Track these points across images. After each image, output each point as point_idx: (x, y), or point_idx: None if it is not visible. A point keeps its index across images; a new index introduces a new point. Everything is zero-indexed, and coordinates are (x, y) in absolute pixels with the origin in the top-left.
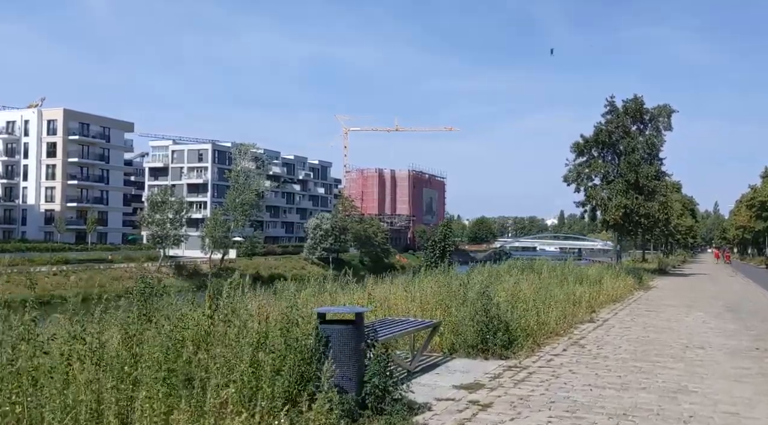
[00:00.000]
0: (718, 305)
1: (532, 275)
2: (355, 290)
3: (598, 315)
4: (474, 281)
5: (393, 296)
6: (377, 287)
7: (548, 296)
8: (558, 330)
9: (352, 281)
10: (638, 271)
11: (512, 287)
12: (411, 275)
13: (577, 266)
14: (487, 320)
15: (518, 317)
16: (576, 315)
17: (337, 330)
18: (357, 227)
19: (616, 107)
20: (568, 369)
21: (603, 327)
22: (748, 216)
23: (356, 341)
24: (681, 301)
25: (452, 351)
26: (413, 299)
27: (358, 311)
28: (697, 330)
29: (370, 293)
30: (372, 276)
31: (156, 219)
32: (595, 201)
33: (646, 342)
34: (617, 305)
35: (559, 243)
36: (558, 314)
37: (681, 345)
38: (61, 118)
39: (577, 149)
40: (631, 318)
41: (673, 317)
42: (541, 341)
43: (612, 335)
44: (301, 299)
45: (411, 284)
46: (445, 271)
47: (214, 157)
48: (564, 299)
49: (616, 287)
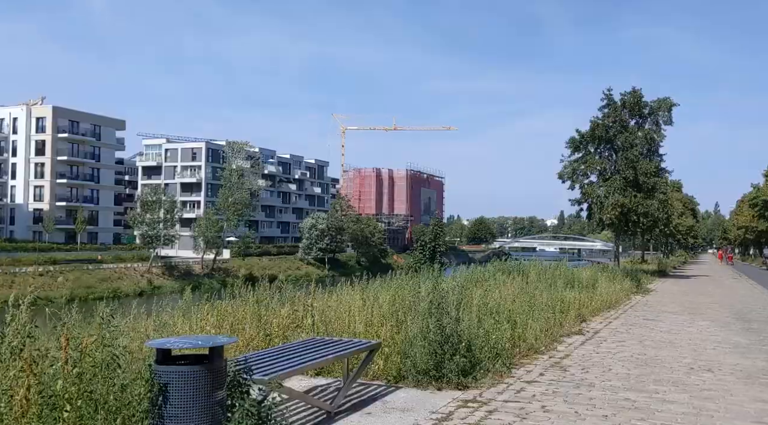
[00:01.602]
0: (724, 313)
1: (519, 278)
2: (311, 297)
3: (589, 325)
4: (442, 286)
5: (336, 308)
6: (332, 295)
7: (530, 304)
8: (538, 346)
9: (336, 283)
10: (637, 273)
11: (484, 295)
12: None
13: (571, 268)
14: (442, 339)
15: (487, 332)
16: (562, 326)
17: (179, 374)
18: (354, 227)
19: (613, 100)
20: (540, 404)
21: (593, 341)
22: (751, 216)
23: (210, 387)
24: (683, 307)
25: (399, 378)
26: (362, 311)
27: (217, 343)
28: (702, 344)
29: (309, 304)
30: (352, 278)
31: (147, 219)
32: (591, 199)
33: (642, 362)
34: (611, 313)
35: (559, 244)
36: (540, 326)
37: (684, 367)
38: (50, 115)
39: (573, 145)
40: (627, 329)
41: (674, 327)
42: (515, 362)
43: (602, 352)
44: (176, 317)
45: (369, 291)
46: (429, 273)
47: (207, 155)
48: (549, 307)
49: (611, 292)
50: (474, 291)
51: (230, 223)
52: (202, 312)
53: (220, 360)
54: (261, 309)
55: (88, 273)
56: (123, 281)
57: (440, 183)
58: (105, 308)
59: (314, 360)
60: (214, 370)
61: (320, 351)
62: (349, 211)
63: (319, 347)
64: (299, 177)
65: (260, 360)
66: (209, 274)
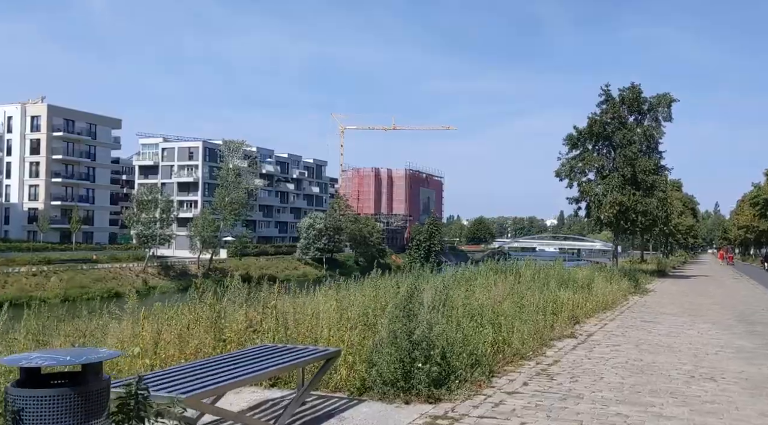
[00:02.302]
0: (726, 314)
1: (511, 277)
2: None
3: (583, 328)
4: (418, 286)
5: (302, 311)
6: (307, 296)
7: (520, 305)
8: (524, 351)
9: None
10: (635, 273)
11: (466, 296)
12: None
13: (567, 268)
14: (410, 345)
15: (465, 337)
16: (553, 329)
17: (36, 399)
18: (352, 227)
19: (611, 96)
20: (520, 421)
21: (585, 345)
22: (752, 215)
23: (82, 415)
24: (682, 308)
25: (363, 390)
26: (330, 314)
27: (92, 358)
28: (703, 348)
29: (270, 305)
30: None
31: (142, 218)
32: (589, 197)
33: (637, 368)
34: (607, 314)
35: (559, 244)
36: (529, 328)
37: (684, 374)
38: (45, 114)
39: (570, 142)
40: (622, 332)
41: (673, 330)
42: (498, 369)
43: (594, 357)
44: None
45: (346, 292)
46: (419, 272)
47: (204, 155)
48: (540, 309)
49: (607, 292)
50: (458, 292)
51: (227, 223)
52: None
53: (98, 379)
54: (215, 312)
55: (82, 273)
56: (117, 282)
57: (439, 183)
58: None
59: (250, 373)
60: (87, 393)
61: (265, 362)
62: (347, 211)
63: (267, 356)
64: (297, 177)
65: (183, 374)
66: (205, 274)
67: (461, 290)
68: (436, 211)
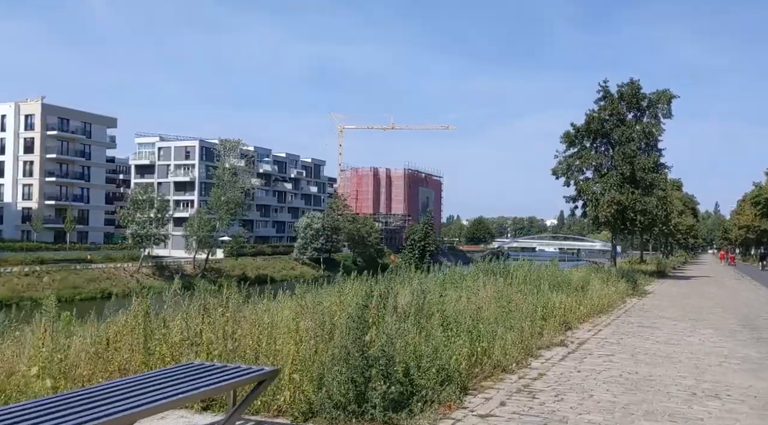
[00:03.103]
0: (729, 319)
1: (502, 279)
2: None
3: (574, 334)
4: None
5: (258, 318)
6: (270, 301)
7: (507, 310)
8: (507, 362)
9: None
10: (634, 273)
11: (441, 301)
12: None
13: (563, 268)
14: (365, 362)
15: (435, 350)
16: (542, 336)
17: None
18: (350, 227)
19: (610, 92)
20: None
21: (575, 355)
22: (753, 215)
23: None
24: (683, 312)
25: (310, 414)
26: (282, 325)
27: None
28: (706, 359)
29: (217, 313)
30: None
31: (136, 218)
32: (587, 196)
33: (632, 384)
34: (602, 319)
35: (559, 244)
36: (514, 337)
37: (685, 391)
38: (39, 112)
39: (567, 139)
40: (617, 339)
41: (672, 336)
42: (473, 386)
43: (585, 370)
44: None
45: (314, 297)
46: (407, 273)
47: (201, 154)
48: (529, 314)
49: (603, 294)
50: (436, 296)
51: (222, 222)
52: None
53: None
54: (145, 323)
55: (76, 273)
56: (111, 282)
57: (438, 183)
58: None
59: (161, 400)
60: None
61: (186, 384)
62: (345, 210)
63: (191, 377)
64: (295, 176)
65: (86, 399)
66: (201, 274)
67: (439, 294)
68: (435, 211)
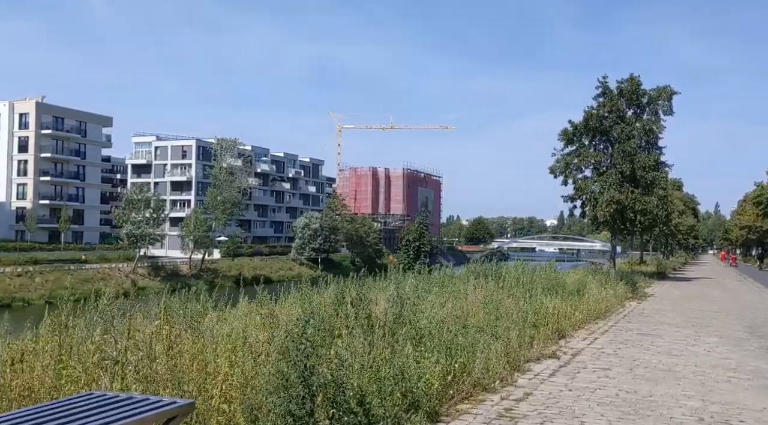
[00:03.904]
0: (734, 324)
1: (493, 283)
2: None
3: (568, 344)
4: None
5: (198, 334)
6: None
7: (495, 317)
8: (488, 380)
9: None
10: (633, 275)
11: (413, 309)
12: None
13: (561, 269)
14: (307, 391)
15: (400, 371)
16: (532, 347)
17: None
18: (348, 227)
19: (609, 88)
20: None
21: (568, 369)
22: (754, 215)
23: None
24: (685, 317)
25: None
26: (235, 339)
27: None
28: (713, 373)
29: (145, 330)
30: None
31: (131, 218)
32: (585, 195)
33: (630, 406)
34: (599, 325)
35: (558, 244)
36: (498, 349)
37: (690, 415)
38: (33, 111)
39: (566, 137)
40: (615, 349)
41: (675, 346)
42: (446, 411)
43: (577, 387)
44: None
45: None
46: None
47: (198, 153)
48: (518, 321)
49: (601, 298)
50: (408, 304)
51: (219, 222)
52: None
53: None
54: (62, 339)
55: (69, 274)
56: (106, 282)
57: (438, 183)
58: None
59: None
60: None
61: (80, 421)
62: (343, 210)
63: (88, 412)
64: (293, 176)
65: None
66: (197, 275)
67: (412, 301)
68: (435, 211)
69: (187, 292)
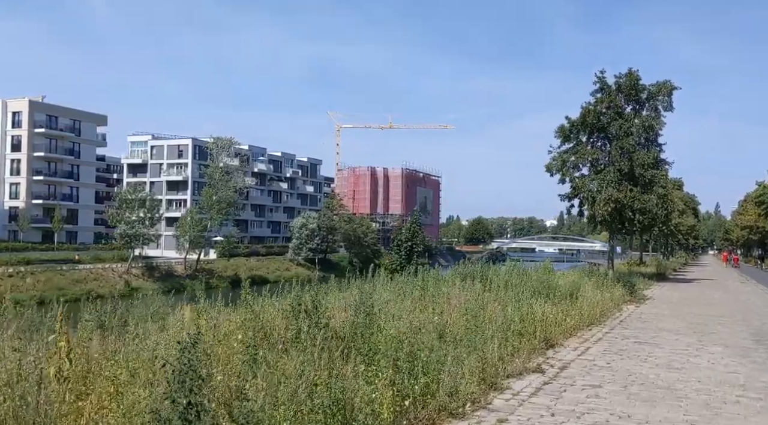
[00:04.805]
0: (739, 330)
1: (479, 285)
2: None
3: (557, 354)
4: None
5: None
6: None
7: (470, 326)
8: (456, 403)
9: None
10: (632, 277)
11: (367, 321)
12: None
13: (560, 270)
14: None
15: (337, 400)
16: (514, 359)
17: None
18: (346, 227)
19: (607, 83)
20: None
21: (553, 387)
22: (756, 214)
23: None
24: (686, 322)
25: None
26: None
27: None
28: (718, 391)
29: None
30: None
31: (125, 218)
32: (583, 194)
33: None
34: (593, 332)
35: (558, 244)
36: (472, 364)
37: None
38: (26, 109)
39: (562, 134)
40: (608, 361)
41: (675, 357)
42: None
43: (561, 411)
44: None
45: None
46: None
47: (194, 153)
48: (500, 331)
49: (596, 302)
50: (367, 315)
51: (214, 222)
52: None
53: None
54: None
55: (61, 274)
56: (99, 283)
57: (437, 182)
58: None
59: None
60: None
61: None
62: (341, 210)
63: None
64: (291, 176)
65: None
66: (192, 275)
67: (365, 313)
68: (434, 211)
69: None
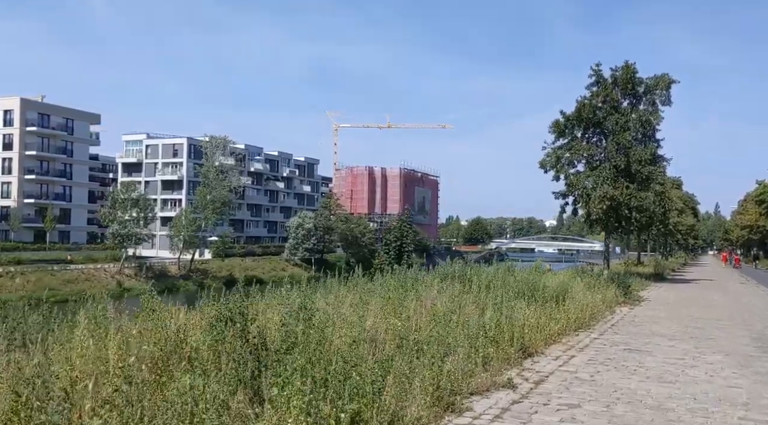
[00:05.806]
0: (740, 335)
1: (459, 286)
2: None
3: (535, 364)
4: None
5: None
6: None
7: (437, 334)
8: None
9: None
10: (627, 277)
11: (305, 329)
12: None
13: (543, 271)
14: None
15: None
16: (486, 370)
17: None
18: (343, 227)
19: (603, 77)
20: None
21: (522, 407)
22: (757, 214)
23: None
24: (682, 326)
25: None
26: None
27: None
28: (718, 412)
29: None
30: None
31: (118, 217)
32: (578, 191)
33: None
34: (579, 338)
35: (557, 244)
36: (426, 380)
37: None
38: (17, 108)
39: (557, 129)
40: (591, 374)
41: (669, 368)
42: None
43: None
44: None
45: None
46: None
47: (189, 152)
48: (471, 337)
49: (586, 304)
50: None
51: (209, 222)
52: None
53: None
54: None
55: (52, 274)
56: (90, 283)
57: (435, 182)
58: None
59: None
60: None
61: None
62: (338, 210)
63: None
64: (288, 175)
65: None
66: (186, 275)
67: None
68: (432, 211)
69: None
